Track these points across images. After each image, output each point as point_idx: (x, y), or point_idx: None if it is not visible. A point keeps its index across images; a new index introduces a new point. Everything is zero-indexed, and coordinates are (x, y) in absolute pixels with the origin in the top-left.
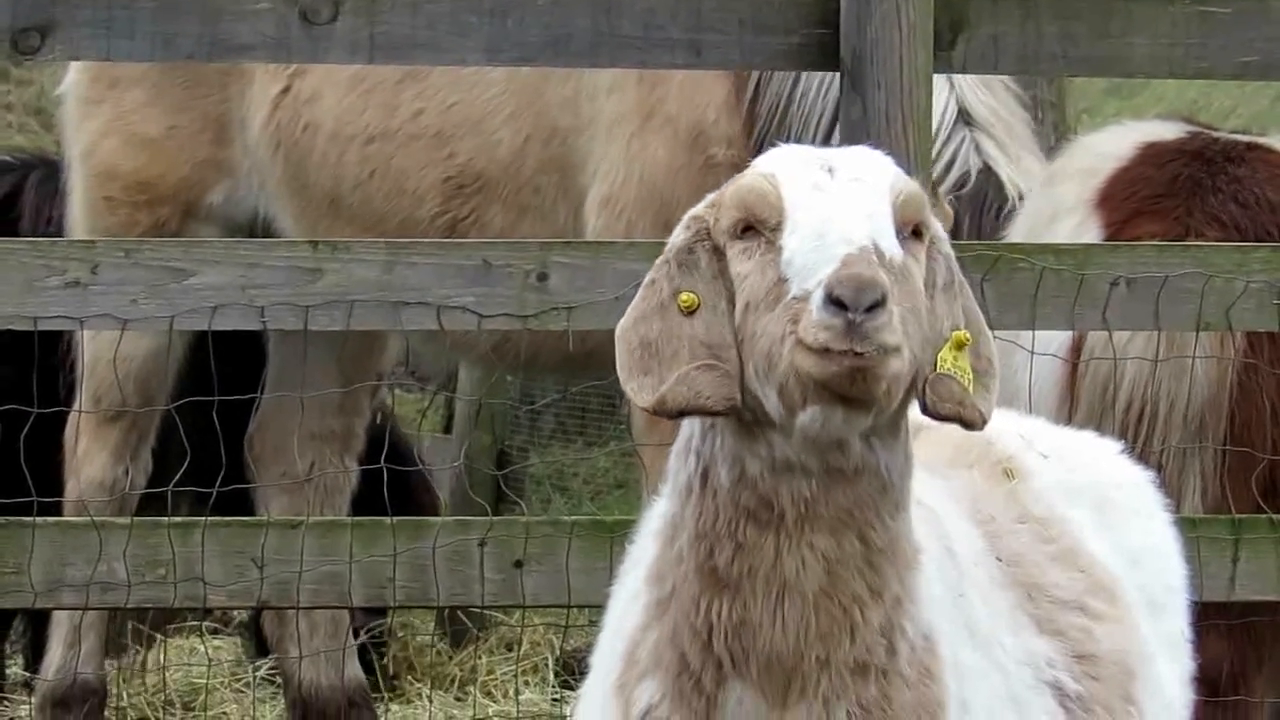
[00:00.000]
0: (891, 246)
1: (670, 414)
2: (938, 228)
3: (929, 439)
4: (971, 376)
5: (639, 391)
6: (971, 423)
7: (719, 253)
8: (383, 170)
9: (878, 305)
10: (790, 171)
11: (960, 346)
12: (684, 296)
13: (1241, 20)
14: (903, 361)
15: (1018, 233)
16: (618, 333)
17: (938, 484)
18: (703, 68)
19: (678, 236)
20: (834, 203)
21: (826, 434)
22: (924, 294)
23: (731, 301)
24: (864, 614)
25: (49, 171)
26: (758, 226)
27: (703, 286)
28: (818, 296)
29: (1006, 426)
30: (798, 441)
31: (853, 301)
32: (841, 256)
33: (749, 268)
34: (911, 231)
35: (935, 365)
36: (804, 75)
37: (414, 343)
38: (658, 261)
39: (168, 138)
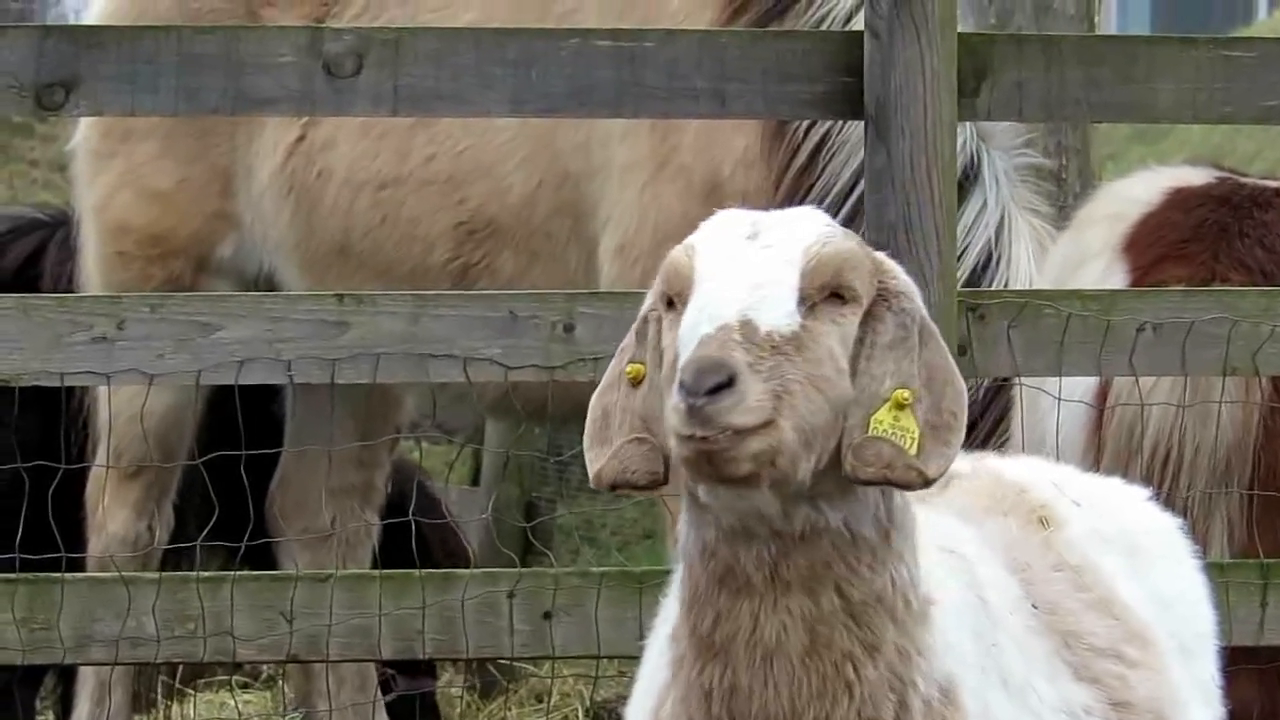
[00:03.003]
0: (775, 319)
1: (605, 487)
2: (896, 283)
3: (963, 488)
4: (917, 435)
5: (591, 462)
6: (906, 484)
7: (661, 323)
8: (394, 216)
9: (723, 387)
10: (708, 241)
11: (901, 406)
12: (630, 368)
13: (1265, 64)
14: (775, 438)
15: (1045, 278)
16: (591, 401)
17: (971, 532)
18: (727, 117)
19: (644, 304)
20: (723, 277)
21: (732, 510)
22: (838, 359)
23: None
24: (858, 671)
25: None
26: (675, 299)
27: (648, 357)
28: (675, 379)
29: (1039, 474)
30: (721, 514)
31: (692, 385)
32: (700, 337)
33: (668, 340)
34: (830, 295)
35: (868, 428)
36: (831, 126)
37: (440, 400)
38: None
39: (179, 190)
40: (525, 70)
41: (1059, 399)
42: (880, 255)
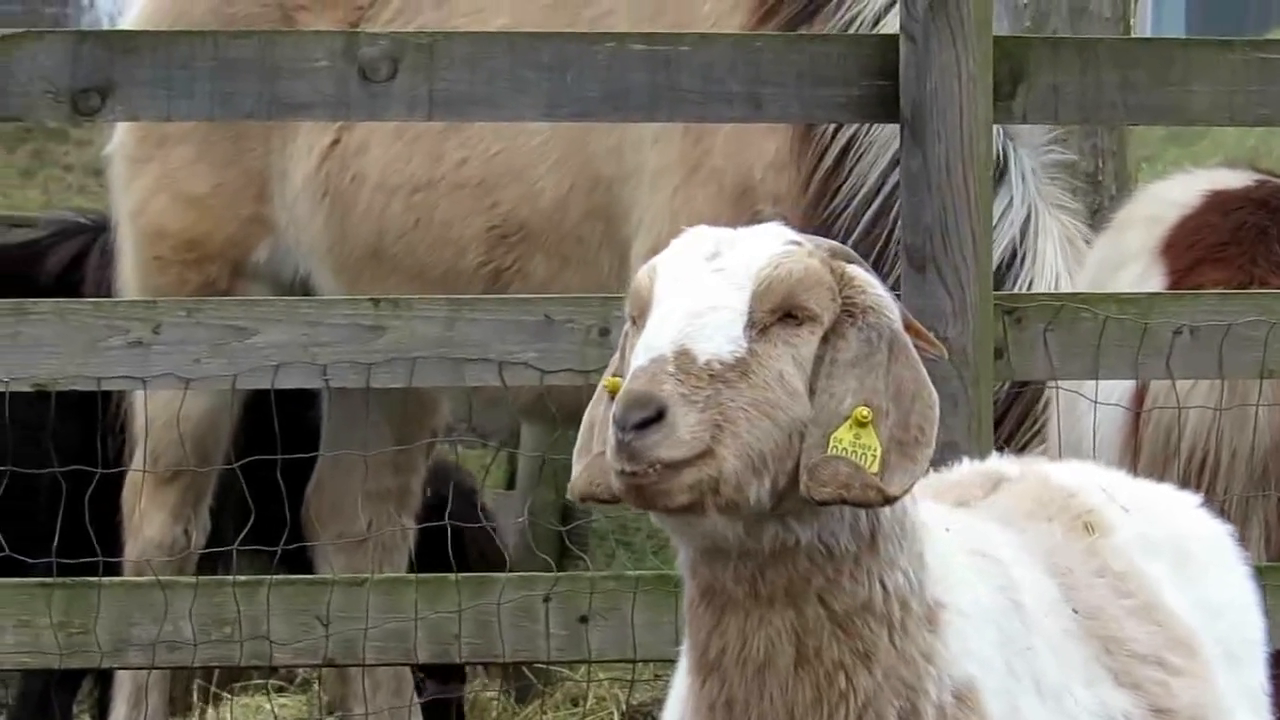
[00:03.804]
0: (715, 347)
1: (577, 499)
2: (864, 298)
3: (1010, 491)
4: (879, 452)
5: (573, 473)
6: (864, 502)
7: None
8: (427, 220)
9: (650, 422)
10: (669, 263)
11: (863, 424)
12: (609, 381)
13: None
14: (713, 467)
15: (1082, 281)
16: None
17: (1010, 536)
18: (762, 121)
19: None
20: (669, 304)
21: (684, 535)
22: (789, 381)
23: None
24: (851, 680)
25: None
26: (637, 319)
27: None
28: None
29: (1088, 479)
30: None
31: (621, 420)
32: (633, 369)
33: (630, 361)
34: (783, 316)
35: (828, 446)
36: (861, 129)
37: (475, 405)
38: None
39: (214, 195)
40: (560, 74)
41: (1095, 402)
42: (852, 269)
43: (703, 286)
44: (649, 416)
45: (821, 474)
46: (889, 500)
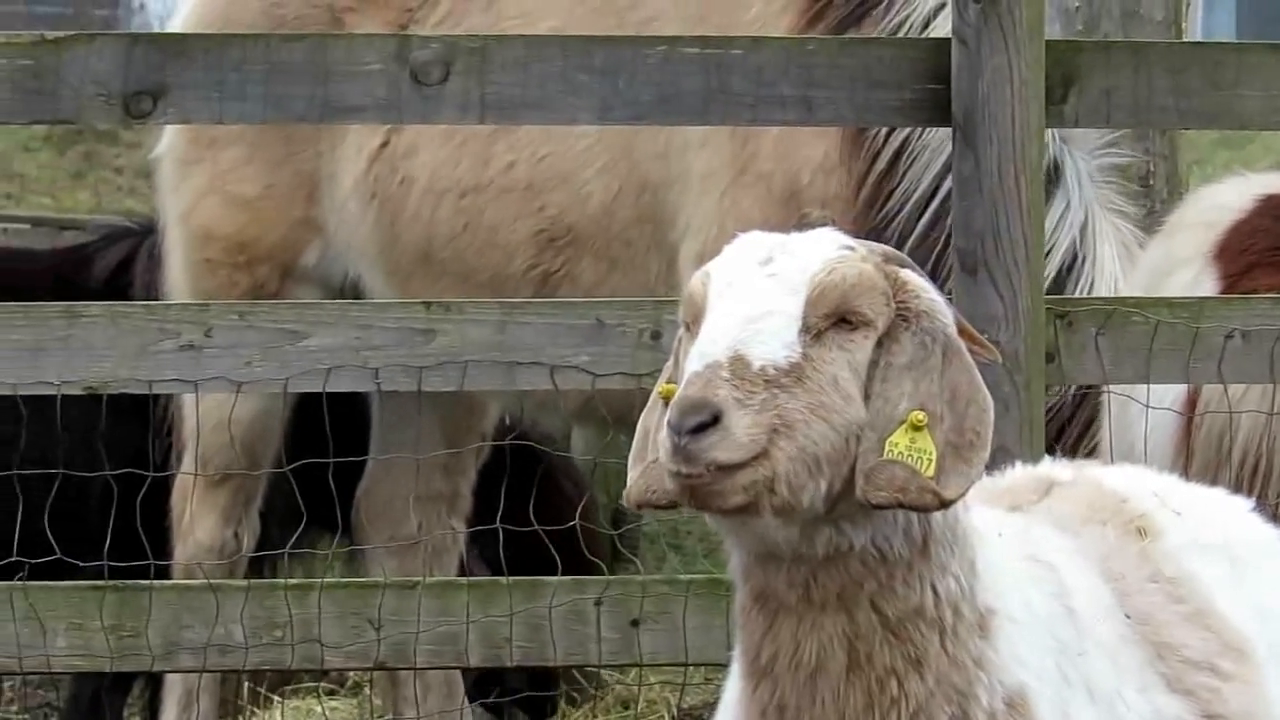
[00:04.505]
0: (769, 352)
1: (632, 506)
2: (918, 303)
3: (1064, 496)
4: (934, 456)
5: (628, 480)
6: (920, 506)
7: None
8: (475, 224)
9: (706, 426)
10: (722, 269)
11: (918, 427)
12: (664, 387)
13: None
14: (768, 469)
15: (1134, 285)
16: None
17: (1065, 541)
18: (814, 124)
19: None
20: (723, 310)
21: (738, 536)
22: (844, 385)
23: None
24: (903, 686)
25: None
26: (691, 325)
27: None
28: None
29: (1141, 484)
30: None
31: (676, 425)
32: (689, 375)
33: (685, 367)
34: (838, 321)
35: (883, 450)
36: (914, 133)
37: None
38: None
39: (264, 197)
40: (612, 78)
41: (1147, 406)
42: (906, 274)
43: (757, 292)
44: (704, 421)
45: (877, 477)
46: (945, 504)
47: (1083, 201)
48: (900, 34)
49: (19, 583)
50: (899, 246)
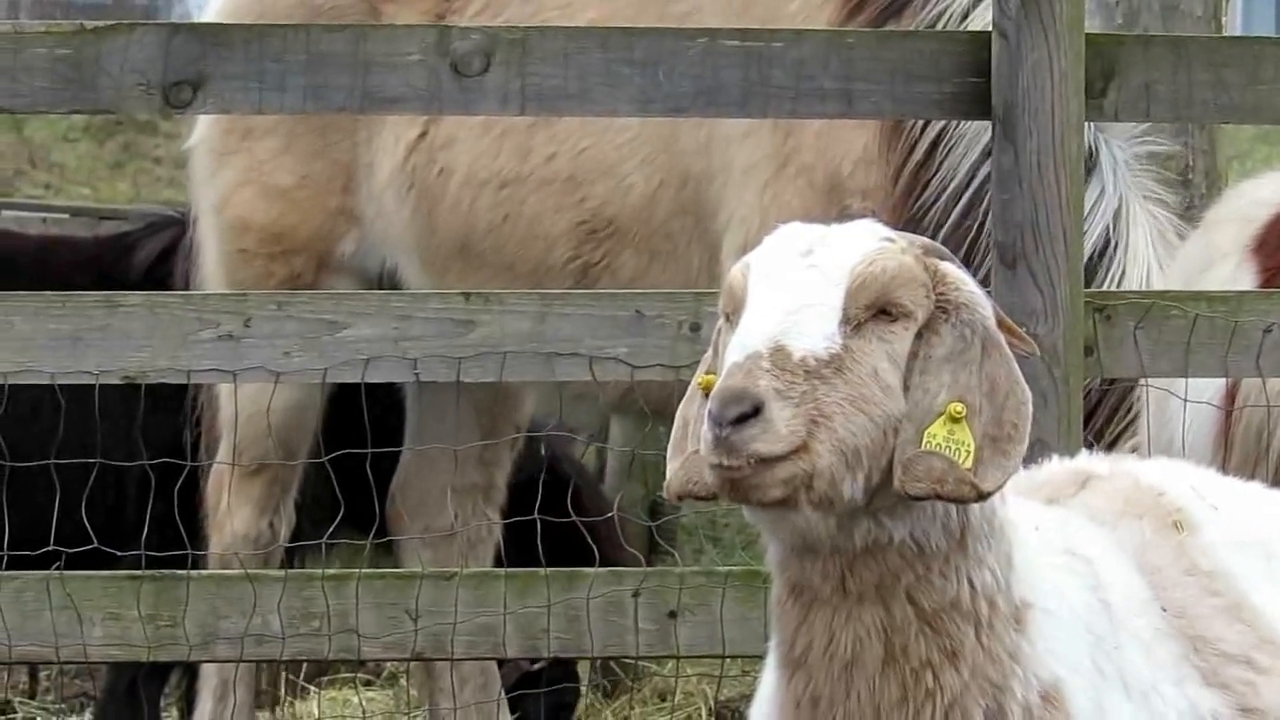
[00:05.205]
0: (810, 343)
1: (673, 497)
2: (958, 294)
3: (1100, 489)
4: (973, 448)
5: (668, 471)
6: (958, 498)
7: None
8: (515, 215)
9: (748, 417)
10: (762, 260)
11: (956, 419)
12: (702, 379)
13: None
14: (808, 462)
15: (1173, 279)
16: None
17: (1103, 534)
18: (854, 117)
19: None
20: (763, 301)
21: (775, 529)
22: (884, 376)
23: None
24: (939, 678)
25: None
26: (731, 316)
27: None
28: (708, 405)
29: (1178, 477)
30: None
31: (718, 416)
32: (729, 365)
33: (724, 358)
34: (878, 313)
35: (922, 442)
36: (949, 122)
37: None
38: None
39: (300, 187)
40: (653, 70)
41: (1186, 400)
42: (946, 266)
43: (797, 283)
44: (745, 412)
45: (916, 469)
46: (983, 496)
47: (1117, 188)
48: (938, 26)
49: (56, 572)
50: (934, 235)
